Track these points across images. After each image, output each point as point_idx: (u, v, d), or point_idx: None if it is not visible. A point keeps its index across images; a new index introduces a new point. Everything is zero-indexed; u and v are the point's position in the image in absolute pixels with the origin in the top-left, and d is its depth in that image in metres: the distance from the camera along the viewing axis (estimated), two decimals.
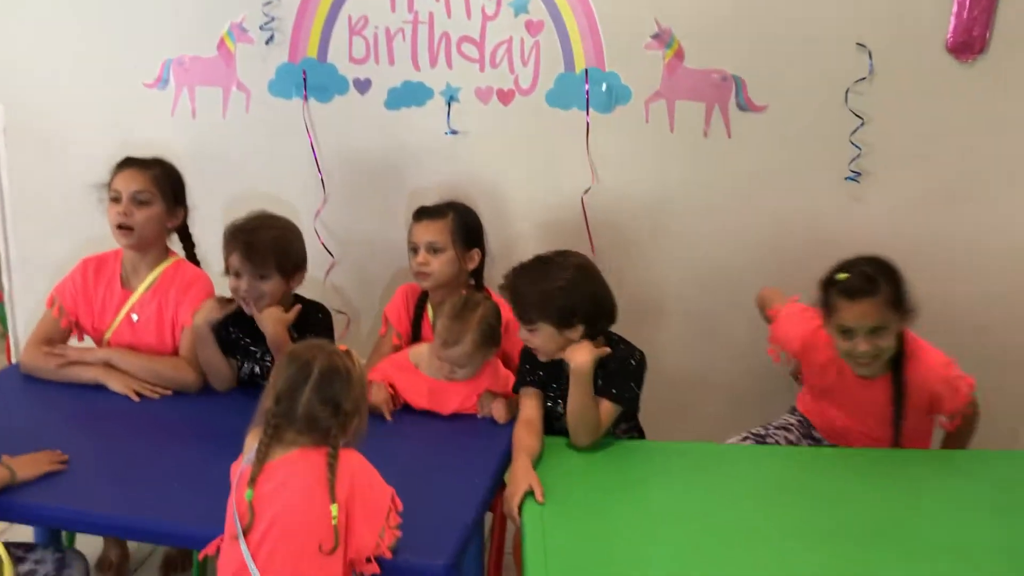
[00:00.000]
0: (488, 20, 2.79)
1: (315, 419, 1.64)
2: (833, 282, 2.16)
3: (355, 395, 1.68)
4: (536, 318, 2.13)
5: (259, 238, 2.31)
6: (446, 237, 2.49)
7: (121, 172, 2.43)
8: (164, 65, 3.00)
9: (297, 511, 1.60)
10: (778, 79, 2.72)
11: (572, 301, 2.11)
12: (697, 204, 2.84)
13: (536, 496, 1.90)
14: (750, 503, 1.94)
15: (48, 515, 1.92)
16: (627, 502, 1.95)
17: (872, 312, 2.10)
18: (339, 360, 1.68)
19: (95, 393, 2.37)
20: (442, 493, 1.91)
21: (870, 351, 2.12)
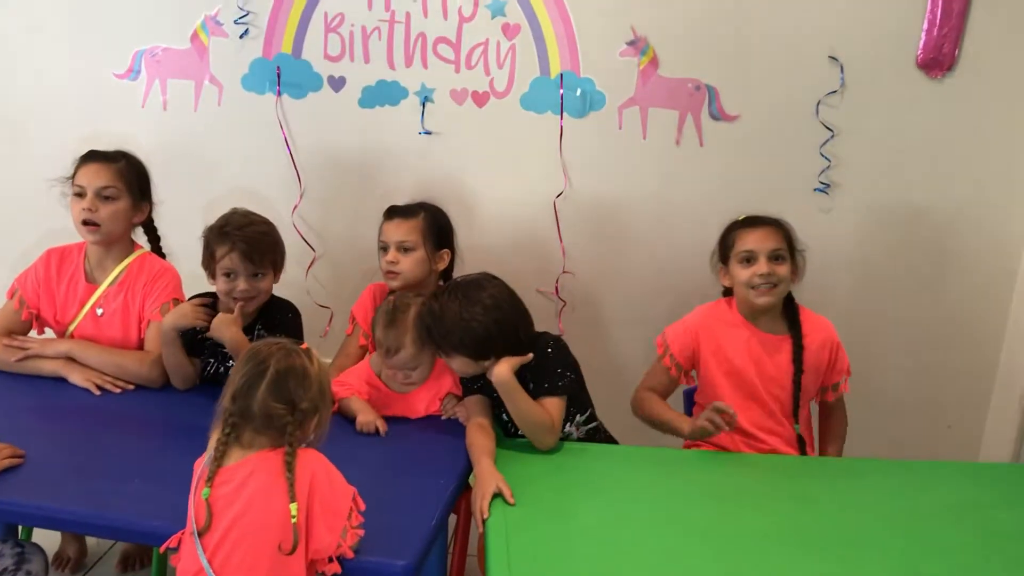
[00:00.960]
0: (465, 22, 2.79)
1: (271, 417, 1.61)
2: (732, 225, 2.36)
3: (312, 394, 1.65)
4: (450, 351, 2.15)
5: (252, 235, 2.29)
6: (417, 236, 2.49)
7: (86, 166, 2.39)
8: (136, 56, 2.96)
9: (256, 511, 1.58)
10: (751, 90, 2.75)
11: (486, 336, 2.11)
12: (668, 210, 2.86)
13: (505, 497, 1.90)
14: (713, 506, 1.96)
15: (5, 509, 1.88)
16: (591, 505, 1.95)
17: (772, 235, 2.29)
18: (296, 359, 1.66)
19: (55, 385, 2.33)
20: (406, 493, 1.90)
21: (768, 272, 2.25)
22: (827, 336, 2.35)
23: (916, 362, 2.92)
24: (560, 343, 2.23)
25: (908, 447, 2.89)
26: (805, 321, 2.34)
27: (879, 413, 2.90)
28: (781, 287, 2.28)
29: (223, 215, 2.38)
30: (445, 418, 2.29)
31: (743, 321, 2.34)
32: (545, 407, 2.13)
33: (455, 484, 2.00)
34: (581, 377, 2.29)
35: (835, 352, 2.35)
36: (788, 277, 2.29)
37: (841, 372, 2.37)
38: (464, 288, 2.17)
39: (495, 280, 2.22)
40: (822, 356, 2.33)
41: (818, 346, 2.32)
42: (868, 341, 2.89)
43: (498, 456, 2.08)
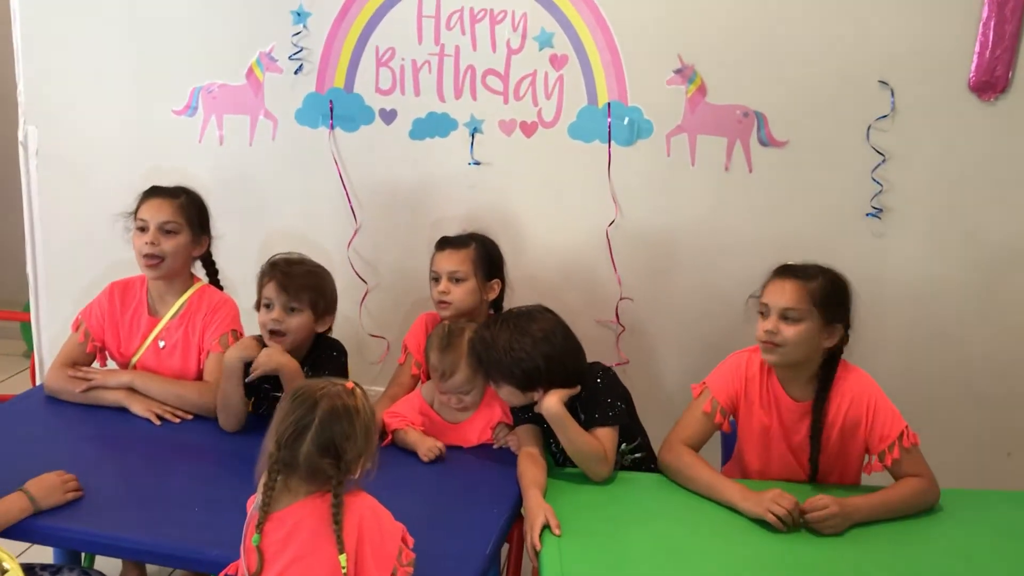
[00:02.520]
0: (513, 54, 2.83)
1: (316, 470, 1.60)
2: (776, 268, 2.16)
3: (358, 443, 1.63)
4: (499, 380, 2.16)
5: (295, 271, 2.33)
6: (468, 267, 2.52)
7: (148, 201, 2.46)
8: (193, 93, 3.05)
9: (306, 561, 1.58)
10: (800, 115, 2.74)
11: (534, 368, 2.11)
12: (718, 238, 2.85)
13: (552, 528, 1.90)
14: (767, 536, 1.93)
15: (69, 537, 1.93)
16: (643, 533, 1.94)
17: (789, 292, 2.07)
18: (342, 402, 1.63)
19: (117, 416, 2.39)
20: (459, 523, 1.92)
21: (771, 330, 2.06)
22: (859, 398, 2.10)
23: (974, 389, 2.86)
24: (610, 373, 2.23)
25: (967, 475, 2.83)
26: (838, 386, 2.11)
27: (937, 441, 2.84)
28: (787, 350, 2.06)
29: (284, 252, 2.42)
30: (497, 447, 2.30)
31: (772, 379, 2.16)
32: (597, 437, 2.13)
33: (508, 514, 2.01)
34: (632, 407, 2.28)
35: (871, 416, 2.08)
36: (800, 341, 2.05)
37: (886, 439, 2.07)
38: (516, 319, 2.18)
39: (548, 313, 2.23)
40: (855, 420, 2.10)
41: (845, 412, 2.10)
42: (926, 368, 2.85)
43: (549, 486, 2.08)
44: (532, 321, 2.17)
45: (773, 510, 1.93)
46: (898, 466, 2.08)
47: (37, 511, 1.85)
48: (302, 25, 2.92)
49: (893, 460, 2.07)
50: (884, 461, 2.09)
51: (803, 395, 2.15)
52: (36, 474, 1.95)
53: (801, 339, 2.06)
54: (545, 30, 2.79)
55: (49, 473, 1.93)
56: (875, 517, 1.98)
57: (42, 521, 1.86)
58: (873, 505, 2.00)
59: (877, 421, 2.09)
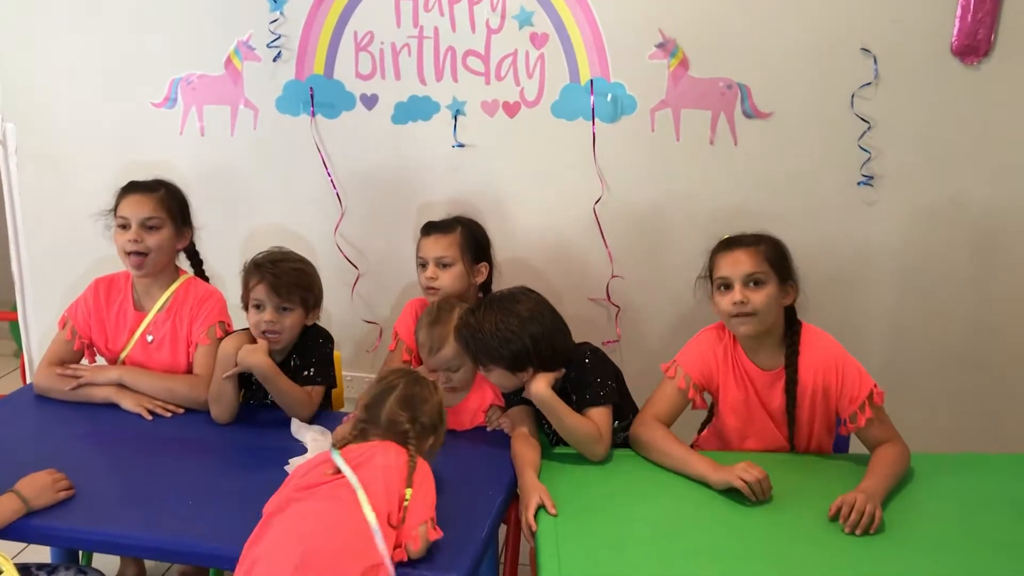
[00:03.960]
0: (493, 34, 2.81)
1: (395, 423, 1.86)
2: (716, 245, 2.18)
3: (433, 414, 1.91)
4: (488, 363, 2.15)
5: (284, 270, 2.30)
6: (455, 251, 2.51)
7: (127, 198, 2.43)
8: (172, 84, 3.02)
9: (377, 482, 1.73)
10: (783, 86, 2.72)
11: (522, 348, 2.11)
12: (707, 212, 2.84)
13: (547, 508, 1.90)
14: (765, 509, 1.94)
15: (65, 536, 1.92)
16: (640, 511, 1.94)
17: (745, 259, 2.10)
18: (422, 383, 1.94)
19: (108, 412, 2.38)
20: (455, 506, 1.91)
21: (740, 300, 2.07)
22: (827, 362, 2.10)
23: (963, 353, 2.87)
24: (598, 353, 2.23)
25: (959, 440, 2.85)
26: (805, 348, 2.12)
27: (926, 407, 2.86)
28: (761, 316, 2.07)
29: (264, 250, 2.39)
30: (491, 429, 2.30)
31: (740, 352, 2.17)
32: (591, 417, 2.13)
33: (503, 495, 2.01)
34: (623, 385, 2.28)
35: (841, 377, 2.09)
36: (769, 304, 2.07)
37: (857, 399, 2.07)
38: (500, 301, 2.18)
39: (532, 293, 2.22)
40: (826, 384, 2.10)
41: (814, 376, 2.10)
42: (914, 332, 2.86)
43: (544, 466, 2.08)
44: (517, 302, 2.17)
45: (743, 477, 1.94)
46: (869, 428, 2.09)
47: (29, 511, 1.84)
48: (279, 12, 2.89)
49: (867, 420, 2.08)
50: (857, 422, 2.09)
51: (771, 363, 2.16)
52: (28, 473, 1.93)
53: (770, 301, 2.08)
54: (524, 9, 2.77)
55: (39, 472, 1.92)
56: (887, 494, 1.97)
57: (37, 520, 1.85)
58: (885, 483, 1.98)
59: (847, 382, 2.09)
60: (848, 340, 2.20)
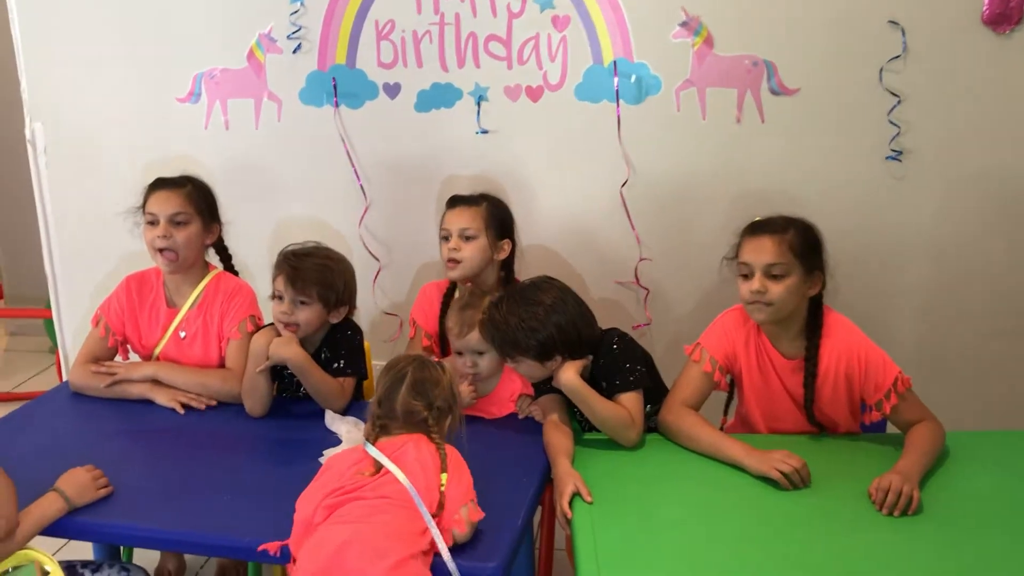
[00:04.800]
0: (514, 18, 2.78)
1: (411, 413, 1.85)
2: (745, 227, 2.12)
3: (446, 394, 1.90)
4: (515, 354, 2.14)
5: (305, 265, 2.30)
6: (479, 224, 2.49)
7: (155, 194, 2.44)
8: (195, 79, 3.03)
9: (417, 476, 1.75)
10: (810, 61, 2.69)
11: (548, 337, 2.10)
12: (734, 191, 2.81)
13: (583, 495, 1.90)
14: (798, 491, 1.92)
15: (106, 532, 1.95)
16: (675, 496, 1.94)
17: (769, 247, 2.04)
18: (429, 366, 1.93)
19: (143, 408, 2.40)
20: (490, 495, 1.91)
21: (759, 289, 2.03)
22: (848, 351, 2.07)
23: (996, 328, 2.83)
24: (626, 338, 2.22)
25: (996, 417, 2.81)
26: (827, 337, 2.08)
27: (961, 384, 2.83)
28: (777, 306, 2.04)
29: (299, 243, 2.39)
30: (522, 417, 2.30)
31: (763, 338, 2.15)
32: (622, 403, 2.12)
33: (537, 483, 2.01)
34: (654, 368, 2.27)
35: (863, 367, 2.06)
36: (788, 295, 2.03)
37: (881, 387, 2.05)
38: (522, 292, 2.17)
39: (553, 281, 2.21)
40: (848, 373, 2.08)
41: (836, 365, 2.08)
42: (946, 307, 2.82)
43: (577, 453, 2.08)
44: (539, 291, 2.16)
45: (780, 468, 1.92)
46: (898, 412, 2.06)
47: (72, 510, 1.87)
48: (299, 3, 2.88)
49: (892, 407, 2.06)
50: (882, 409, 2.07)
51: (793, 351, 2.13)
52: (65, 470, 1.96)
53: (789, 293, 2.04)
54: None
55: (78, 469, 1.94)
56: (923, 473, 1.94)
57: (78, 517, 1.88)
58: (920, 462, 1.95)
59: (870, 371, 2.06)
60: (879, 316, 2.18)
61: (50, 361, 4.32)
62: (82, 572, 1.96)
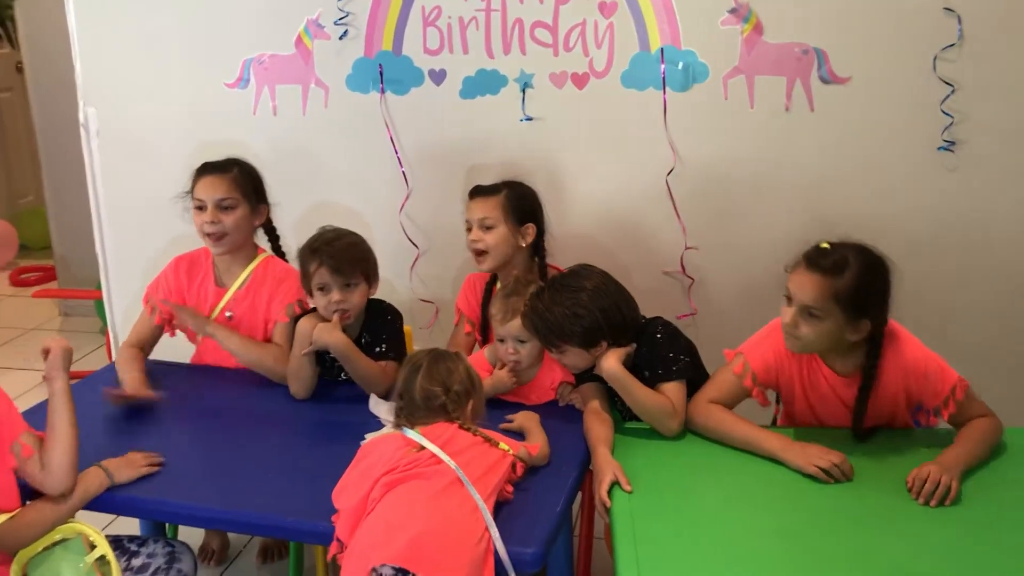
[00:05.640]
0: (561, 4, 2.77)
1: (429, 397, 1.91)
2: (809, 249, 2.03)
3: (462, 379, 1.96)
4: (560, 343, 2.13)
5: (340, 248, 2.31)
6: (497, 213, 2.50)
7: (202, 179, 2.49)
8: (244, 64, 3.05)
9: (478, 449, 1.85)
10: (861, 49, 2.64)
11: (593, 323, 2.09)
12: (781, 181, 2.77)
13: (622, 485, 1.90)
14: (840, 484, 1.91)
15: (153, 509, 2.00)
16: (714, 486, 1.94)
17: (812, 289, 1.95)
18: (445, 355, 1.99)
19: (189, 388, 2.45)
20: (530, 481, 1.93)
21: (790, 324, 1.99)
22: (907, 366, 2.02)
23: None
24: (670, 327, 2.20)
25: None
26: (885, 356, 2.02)
27: (1017, 378, 2.77)
28: (804, 345, 2.01)
29: (314, 234, 2.41)
30: (562, 405, 2.30)
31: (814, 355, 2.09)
32: (664, 392, 2.11)
33: (577, 470, 2.02)
34: (697, 358, 2.25)
35: (921, 380, 2.02)
36: (818, 338, 1.98)
37: (939, 395, 2.01)
38: (563, 280, 2.17)
39: (593, 268, 2.21)
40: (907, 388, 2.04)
41: (894, 382, 2.03)
42: (1000, 300, 2.75)
43: (617, 442, 2.08)
44: (580, 278, 2.16)
45: (819, 464, 1.90)
46: (956, 418, 2.03)
47: (112, 485, 1.92)
48: None
49: (950, 414, 2.02)
50: (940, 416, 2.04)
51: (847, 368, 2.07)
52: (114, 449, 2.02)
53: (820, 336, 1.98)
54: None
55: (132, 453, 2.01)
56: (970, 467, 1.91)
57: (126, 493, 1.93)
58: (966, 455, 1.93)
59: (928, 381, 2.03)
60: (929, 311, 2.14)
61: (100, 342, 4.41)
62: (128, 546, 2.00)
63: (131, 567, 1.95)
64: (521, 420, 2.14)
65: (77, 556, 1.84)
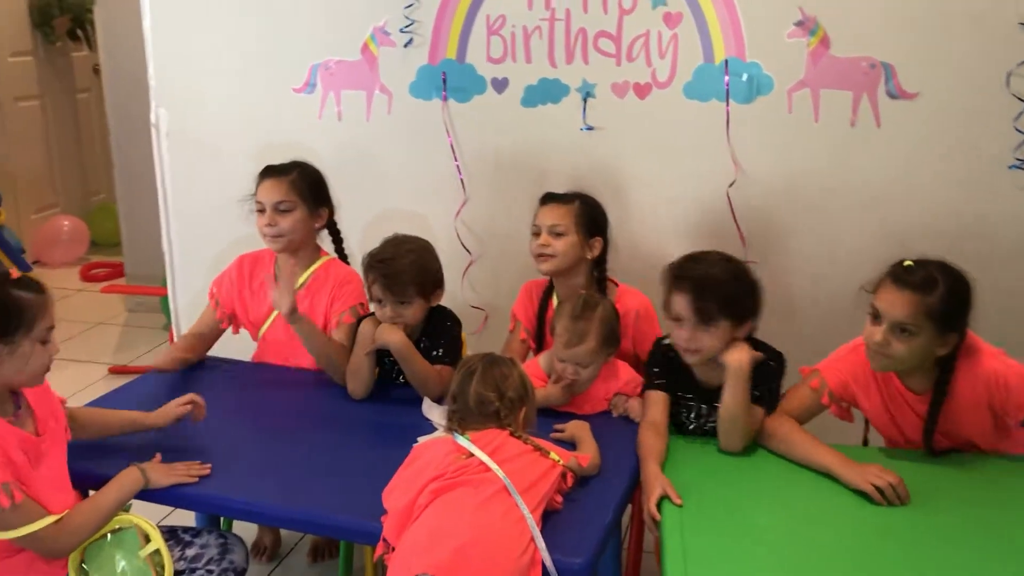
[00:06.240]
0: (625, 14, 2.77)
1: (483, 402, 1.90)
2: (894, 266, 2.01)
3: (516, 385, 1.95)
4: (718, 315, 2.07)
5: (397, 267, 2.33)
6: (569, 221, 2.50)
7: (262, 183, 2.55)
8: (311, 70, 3.10)
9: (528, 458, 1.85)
10: (931, 64, 2.59)
11: (749, 297, 2.10)
12: (845, 196, 2.73)
13: (671, 498, 1.88)
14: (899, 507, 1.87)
15: (209, 502, 2.04)
16: (768, 504, 1.91)
17: (905, 306, 1.93)
18: (499, 361, 1.98)
19: (249, 383, 2.50)
20: (581, 491, 1.92)
21: (881, 343, 1.95)
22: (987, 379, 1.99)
23: None
24: (781, 359, 2.18)
25: None
26: (963, 375, 2.00)
27: None
28: (895, 363, 1.99)
29: (379, 245, 2.43)
30: (616, 415, 2.29)
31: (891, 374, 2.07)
32: (752, 414, 2.09)
33: (628, 482, 2.01)
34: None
35: (1004, 394, 1.99)
36: (911, 355, 1.96)
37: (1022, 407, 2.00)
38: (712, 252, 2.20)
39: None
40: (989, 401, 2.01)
41: (973, 395, 2.01)
42: None
43: (671, 452, 2.07)
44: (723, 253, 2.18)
45: (874, 483, 1.87)
46: None
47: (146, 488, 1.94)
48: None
49: None
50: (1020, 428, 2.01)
51: (924, 387, 2.05)
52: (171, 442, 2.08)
53: (912, 353, 1.96)
54: None
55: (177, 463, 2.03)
56: None
57: (184, 489, 1.97)
58: None
59: (1011, 393, 1.99)
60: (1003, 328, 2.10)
61: (164, 338, 4.51)
62: (183, 536, 2.04)
63: (184, 557, 1.99)
64: (572, 429, 2.13)
65: (132, 548, 1.88)
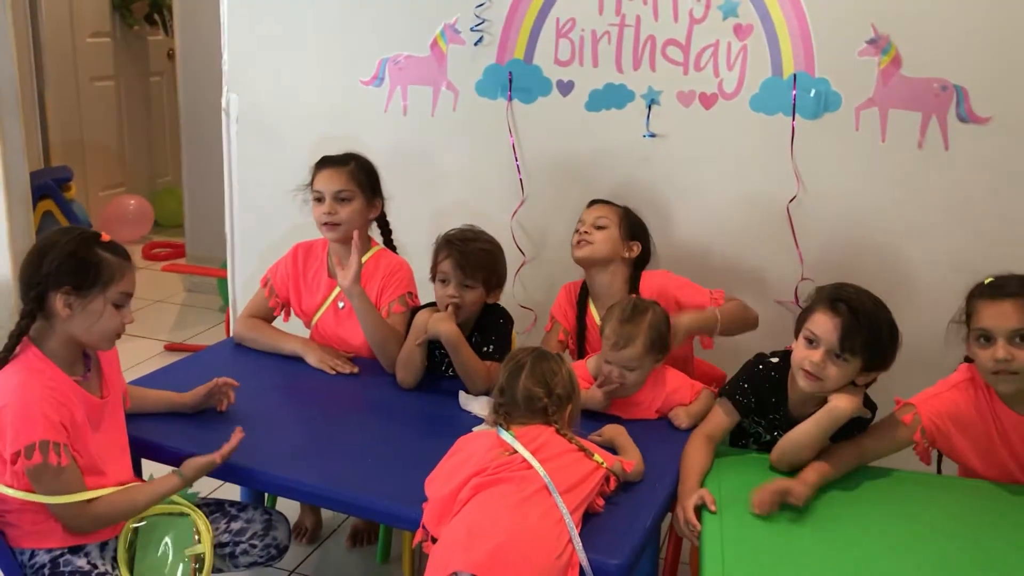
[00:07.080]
0: (695, 23, 2.76)
1: (531, 398, 1.91)
2: (973, 289, 1.99)
3: (565, 382, 1.95)
4: (858, 352, 1.97)
5: (471, 250, 2.41)
6: (613, 218, 2.57)
7: (321, 172, 2.58)
8: (380, 63, 3.15)
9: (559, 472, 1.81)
10: (1005, 89, 2.54)
11: (890, 348, 2.01)
12: (910, 219, 2.69)
13: (708, 505, 1.88)
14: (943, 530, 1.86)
15: (255, 478, 2.08)
16: (810, 520, 1.89)
17: (1014, 313, 1.90)
18: (548, 356, 1.98)
19: (300, 366, 2.54)
20: (618, 497, 1.92)
21: (1006, 357, 1.90)
22: None
23: None
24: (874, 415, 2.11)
25: None
26: None
27: None
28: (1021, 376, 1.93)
29: (459, 227, 2.50)
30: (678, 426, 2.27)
31: (996, 400, 2.02)
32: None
33: (669, 488, 2.00)
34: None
35: None
36: None
37: None
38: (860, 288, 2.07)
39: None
40: None
41: None
42: None
43: (716, 463, 2.06)
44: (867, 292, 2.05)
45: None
46: None
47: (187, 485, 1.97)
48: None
49: None
50: None
51: None
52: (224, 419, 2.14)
53: None
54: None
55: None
56: None
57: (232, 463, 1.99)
58: None
59: None
60: None
61: (220, 319, 4.60)
62: (230, 510, 2.09)
63: (230, 530, 2.04)
64: (610, 433, 2.12)
65: (182, 539, 1.92)
